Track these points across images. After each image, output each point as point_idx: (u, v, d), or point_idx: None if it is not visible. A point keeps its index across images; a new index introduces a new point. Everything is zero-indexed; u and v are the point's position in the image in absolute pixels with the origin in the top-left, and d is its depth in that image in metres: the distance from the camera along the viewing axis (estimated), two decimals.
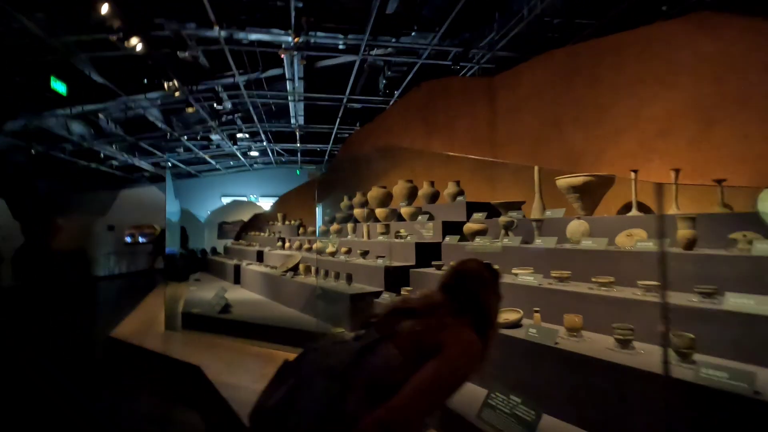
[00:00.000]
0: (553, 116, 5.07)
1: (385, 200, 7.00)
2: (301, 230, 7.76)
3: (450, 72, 8.53)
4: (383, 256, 4.80)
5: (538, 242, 3.45)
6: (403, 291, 3.73)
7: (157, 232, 15.55)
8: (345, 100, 10.35)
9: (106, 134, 12.23)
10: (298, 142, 14.45)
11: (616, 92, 4.12)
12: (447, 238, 4.35)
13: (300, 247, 6.86)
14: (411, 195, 6.55)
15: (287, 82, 9.66)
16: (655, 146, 3.68)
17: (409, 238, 4.93)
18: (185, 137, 13.05)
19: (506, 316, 2.85)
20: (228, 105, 10.34)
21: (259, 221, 11.72)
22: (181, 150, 15.26)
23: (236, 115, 12.11)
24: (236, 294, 6.41)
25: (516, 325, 2.75)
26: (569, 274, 2.93)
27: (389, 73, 9.73)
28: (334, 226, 6.63)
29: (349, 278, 4.61)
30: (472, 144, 6.82)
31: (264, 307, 5.58)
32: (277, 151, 16.24)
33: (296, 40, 6.77)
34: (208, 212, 18.48)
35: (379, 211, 6.12)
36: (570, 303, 2.76)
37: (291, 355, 1.35)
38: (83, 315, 7.98)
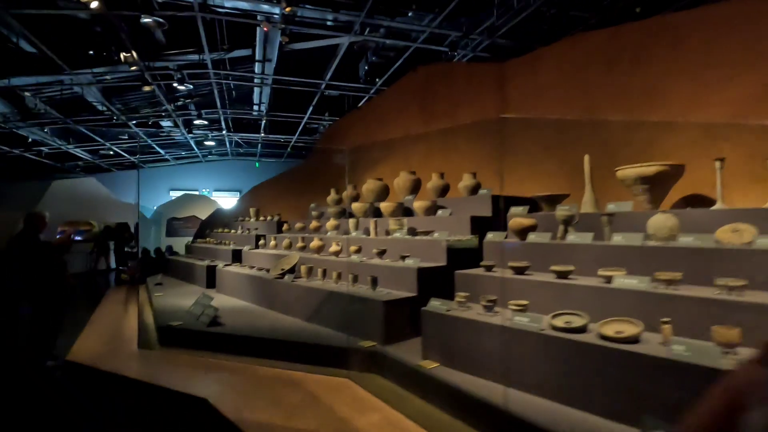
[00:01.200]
0: (585, 103, 4.72)
1: (383, 194, 6.41)
2: (285, 227, 6.92)
3: (441, 58, 8.07)
4: (407, 256, 4.20)
5: (618, 239, 3.03)
6: (459, 297, 3.16)
7: (95, 229, 13.75)
8: (323, 86, 9.55)
9: (34, 115, 10.51)
10: (261, 131, 13.34)
11: (672, 76, 3.82)
12: (490, 235, 3.83)
13: (290, 246, 6.06)
14: (415, 188, 6.00)
15: (256, 64, 8.70)
16: (726, 134, 3.40)
17: (436, 235, 4.37)
18: (133, 122, 11.55)
19: (618, 327, 2.38)
20: (188, 86, 9.15)
21: (224, 217, 10.61)
22: (126, 137, 13.60)
23: (191, 100, 10.89)
24: (215, 300, 5.49)
25: (634, 340, 2.28)
26: (681, 276, 2.51)
27: (373, 58, 9.08)
28: (331, 222, 5.91)
29: (375, 282, 3.97)
30: (478, 132, 6.38)
31: (259, 317, 4.77)
32: (236, 141, 14.97)
33: (287, 9, 5.93)
34: (155, 207, 16.76)
35: (386, 206, 5.50)
36: (689, 311, 2.34)
37: (317, 377, 0.74)
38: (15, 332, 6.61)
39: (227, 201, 18.07)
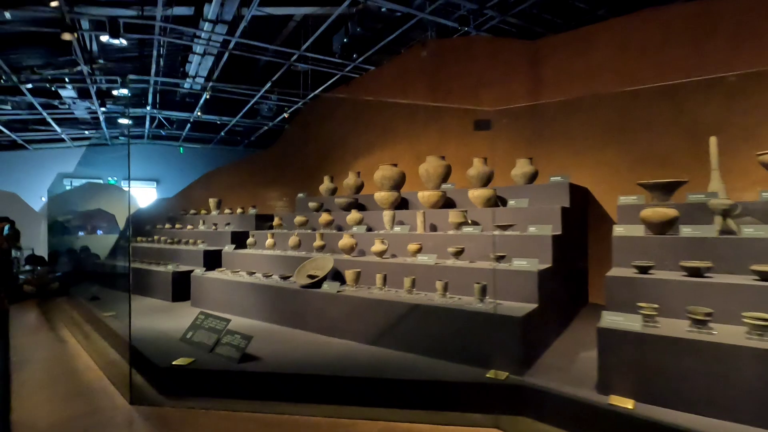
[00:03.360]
0: (659, 80, 4.31)
1: (401, 182, 5.46)
2: (276, 221, 5.58)
3: (438, 33, 7.29)
4: (502, 256, 3.37)
5: None
6: (646, 308, 2.42)
7: None
8: (294, 58, 8.14)
9: None
10: (197, 110, 11.28)
11: None
12: (620, 229, 3.17)
13: (299, 245, 4.82)
14: (446, 175, 5.16)
15: (205, 25, 7.07)
16: None
17: (533, 229, 3.59)
18: (27, 86, 8.86)
19: None
20: (122, 42, 7.12)
21: (167, 210, 8.64)
22: (8, 107, 10.52)
23: (110, 63, 8.65)
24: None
25: None
26: None
27: (358, 29, 7.97)
28: (354, 215, 4.80)
29: (484, 291, 3.06)
30: (506, 117, 5.74)
31: (291, 342, 3.55)
32: (159, 120, 12.55)
33: None
34: (43, 198, 13.50)
35: (429, 195, 4.58)
36: None
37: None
38: None
39: (142, 192, 15.34)
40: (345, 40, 8.24)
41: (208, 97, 10.08)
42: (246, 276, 4.61)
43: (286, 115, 12.05)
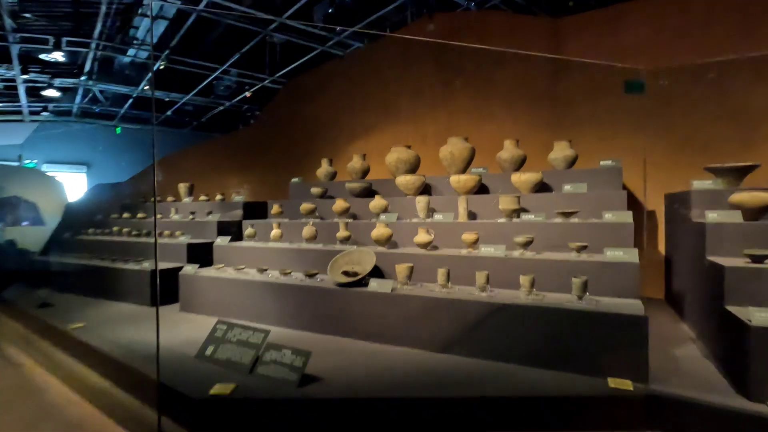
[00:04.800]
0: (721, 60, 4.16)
1: (416, 165, 4.97)
2: (275, 209, 4.80)
3: (435, 8, 6.79)
4: (584, 246, 3.00)
5: None
6: None
7: None
8: (273, 27, 7.20)
9: None
10: (144, 82, 9.81)
11: None
12: (713, 215, 2.92)
13: (315, 237, 4.14)
14: (471, 158, 4.73)
15: None
16: None
17: (610, 216, 3.25)
18: None
19: None
20: None
21: (119, 198, 7.34)
22: None
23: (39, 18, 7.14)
24: (191, 324, 3.26)
25: None
26: None
27: None
28: (377, 202, 4.21)
29: (585, 287, 2.65)
30: (523, 99, 5.42)
31: (340, 354, 2.93)
32: (95, 94, 10.79)
33: None
34: None
35: (465, 179, 4.11)
36: None
37: None
38: None
39: (69, 178, 13.29)
40: (329, 10, 7.48)
41: (162, 67, 8.76)
42: (257, 274, 3.85)
43: (247, 94, 10.95)
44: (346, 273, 3.40)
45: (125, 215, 6.22)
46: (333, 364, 2.69)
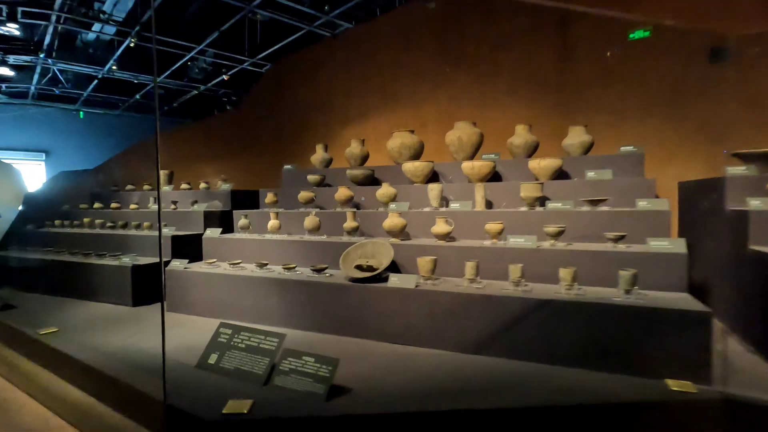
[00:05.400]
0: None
1: (420, 151, 4.70)
2: (269, 197, 4.40)
3: None
4: (623, 236, 2.80)
5: None
6: None
7: None
8: (257, 2, 6.66)
9: None
10: (112, 61, 9.02)
11: None
12: (755, 202, 2.77)
13: (319, 228, 3.79)
14: (479, 144, 4.48)
15: None
16: None
17: (644, 203, 3.05)
18: None
19: None
20: None
21: (83, 188, 6.70)
22: None
23: None
24: (184, 327, 2.87)
25: None
26: None
27: None
28: (385, 190, 3.89)
29: (634, 280, 2.44)
30: (529, 83, 5.20)
31: (376, 357, 2.63)
32: (55, 74, 9.87)
33: None
34: None
35: (479, 166, 3.85)
36: None
37: None
38: None
39: (27, 167, 12.26)
40: None
41: (132, 45, 8.05)
42: (256, 269, 3.48)
43: (225, 77, 10.31)
44: (359, 267, 3.08)
45: (96, 205, 5.64)
46: (357, 370, 2.39)
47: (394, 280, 2.86)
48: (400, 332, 2.80)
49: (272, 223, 3.91)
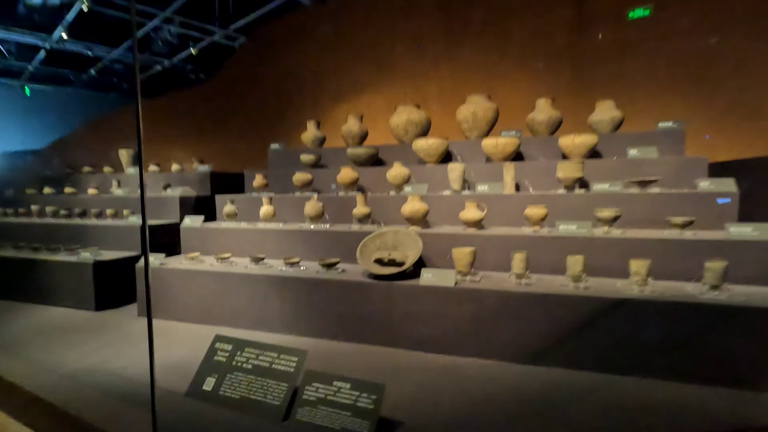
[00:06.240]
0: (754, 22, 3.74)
1: (427, 128, 4.22)
2: (258, 180, 3.79)
3: None
4: (692, 221, 2.42)
5: None
6: None
7: None
8: None
9: None
10: (61, 28, 7.93)
11: None
12: None
13: (323, 215, 3.24)
14: (495, 120, 4.03)
15: None
16: None
17: (706, 185, 2.68)
18: None
19: None
20: None
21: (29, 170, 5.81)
22: None
23: None
24: (175, 341, 2.31)
25: None
26: None
27: None
28: (400, 170, 3.38)
29: (723, 275, 2.05)
30: (540, 55, 4.77)
31: (411, 371, 2.14)
32: None
33: None
34: None
35: (503, 143, 3.39)
36: None
37: None
38: None
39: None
40: None
41: (85, 9, 7.04)
42: (251, 264, 2.91)
43: (193, 51, 9.37)
44: (379, 261, 2.57)
45: (47, 190, 4.82)
46: (397, 391, 1.90)
47: (428, 276, 2.38)
48: (434, 339, 2.33)
49: (265, 209, 3.33)
